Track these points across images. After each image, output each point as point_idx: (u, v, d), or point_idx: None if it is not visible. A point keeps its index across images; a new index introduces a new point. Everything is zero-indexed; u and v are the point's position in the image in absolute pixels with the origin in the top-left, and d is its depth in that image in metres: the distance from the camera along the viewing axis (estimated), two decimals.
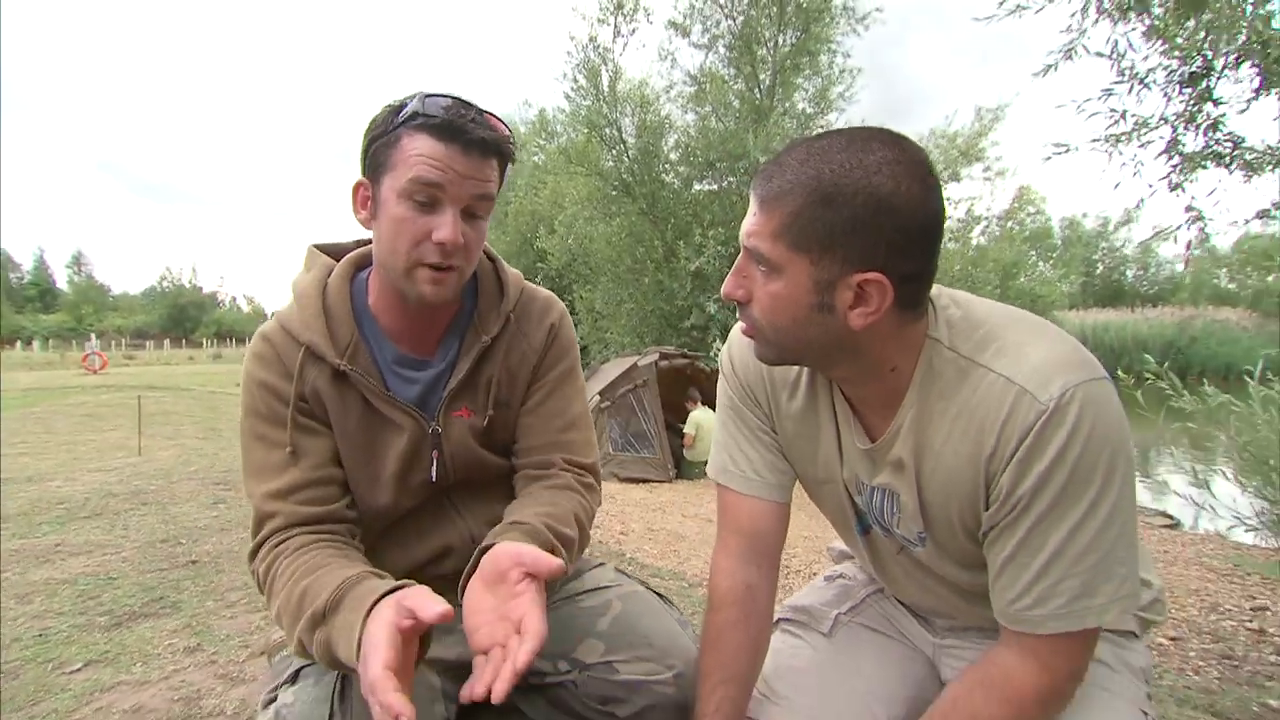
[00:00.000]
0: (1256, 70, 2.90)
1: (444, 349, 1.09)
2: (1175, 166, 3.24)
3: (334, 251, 1.12)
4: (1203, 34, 2.91)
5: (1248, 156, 3.64)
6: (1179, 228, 3.68)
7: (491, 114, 0.99)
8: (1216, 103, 3.11)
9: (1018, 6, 3.64)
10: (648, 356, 8.02)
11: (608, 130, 12.62)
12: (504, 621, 0.81)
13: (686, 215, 12.88)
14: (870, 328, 0.81)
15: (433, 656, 1.17)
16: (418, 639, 0.80)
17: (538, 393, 1.15)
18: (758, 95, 12.41)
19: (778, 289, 0.81)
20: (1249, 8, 3.15)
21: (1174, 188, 3.58)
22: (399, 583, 0.83)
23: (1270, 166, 3.54)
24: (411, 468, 1.07)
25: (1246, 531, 5.43)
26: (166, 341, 47.48)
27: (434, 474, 1.08)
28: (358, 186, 0.99)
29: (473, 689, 0.76)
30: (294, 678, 1.13)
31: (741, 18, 12.20)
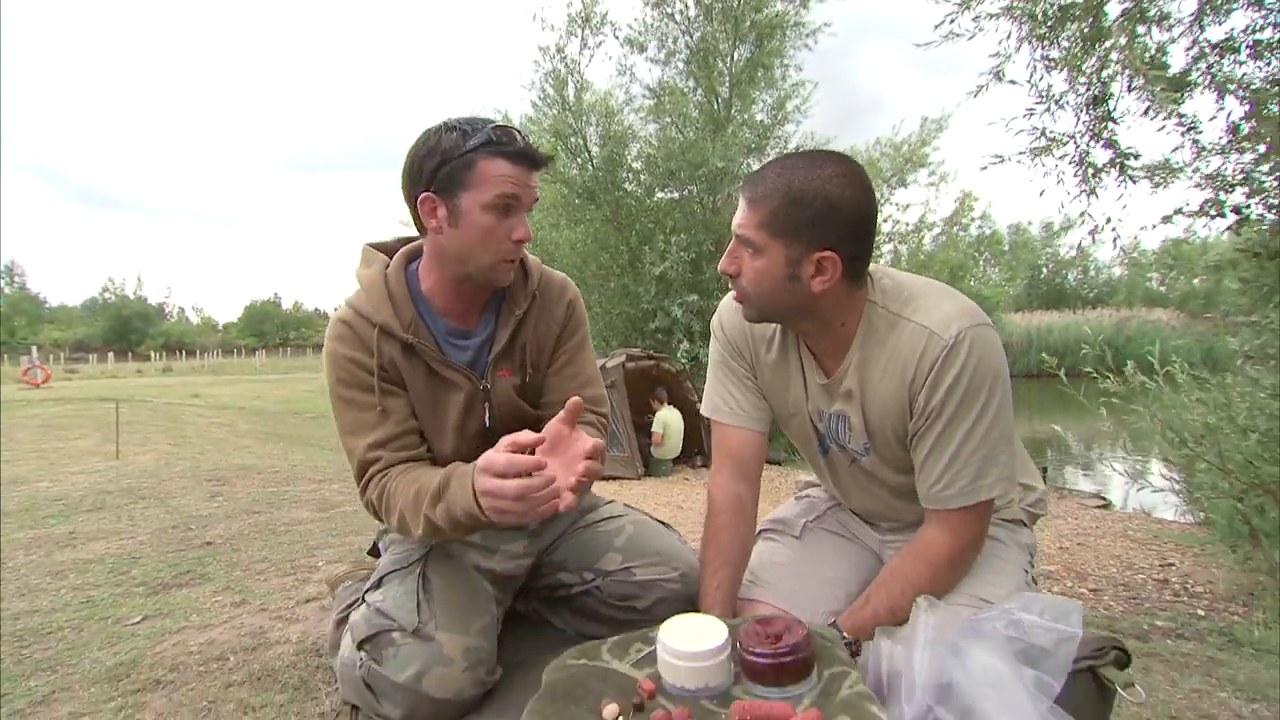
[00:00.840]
0: (1145, 94, 3.42)
1: (484, 322, 1.41)
2: (1084, 176, 3.75)
3: (385, 249, 1.42)
4: (1098, 62, 3.40)
5: (1139, 167, 4.18)
6: (1092, 231, 4.19)
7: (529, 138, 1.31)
8: (1115, 121, 3.62)
9: (950, 34, 4.12)
10: (615, 358, 8.27)
11: (573, 139, 12.89)
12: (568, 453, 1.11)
13: (649, 222, 13.24)
14: (826, 293, 1.16)
15: (484, 568, 1.49)
16: None
17: (561, 357, 1.48)
18: (716, 107, 12.88)
19: (761, 265, 1.16)
20: (1142, 39, 3.67)
21: (1089, 194, 4.10)
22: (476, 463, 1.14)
23: (1162, 177, 4.08)
24: (468, 417, 1.38)
25: (1167, 509, 6.02)
26: (110, 355, 45.63)
27: (487, 421, 1.38)
28: (424, 200, 1.22)
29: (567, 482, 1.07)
30: (378, 584, 1.43)
31: (699, 33, 12.66)
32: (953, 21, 3.96)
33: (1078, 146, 3.69)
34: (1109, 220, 4.03)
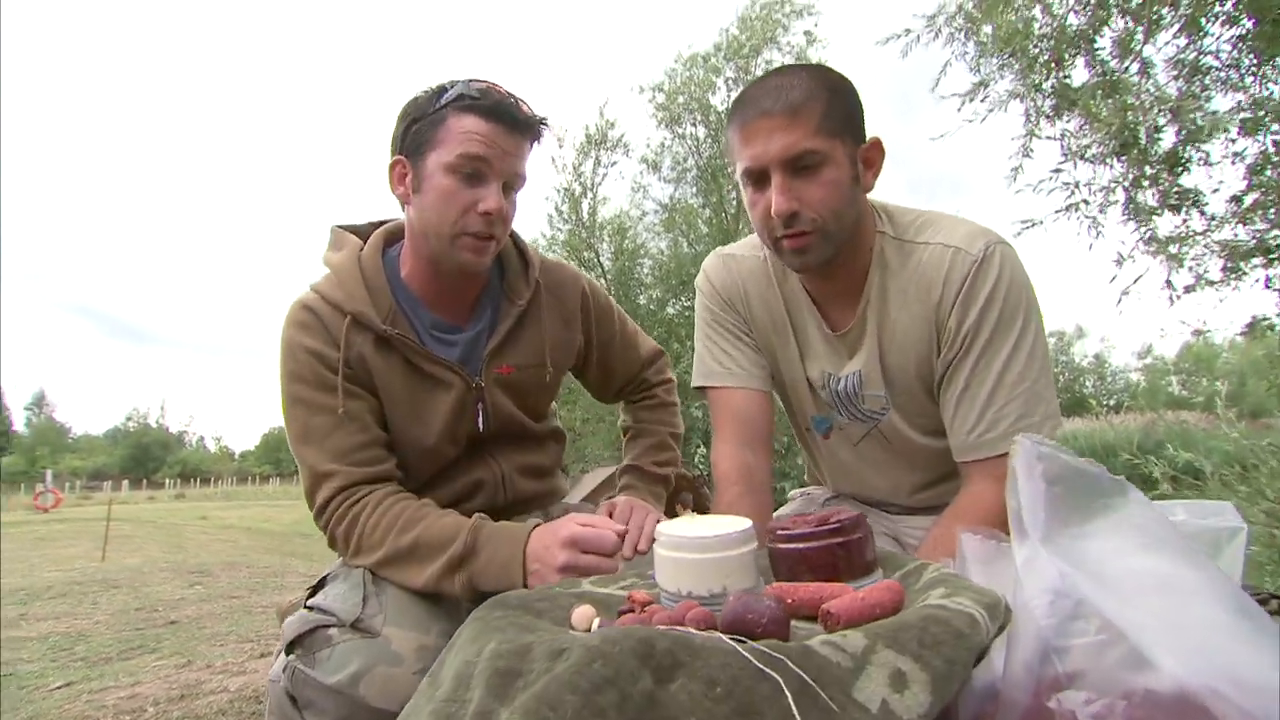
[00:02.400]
0: (1176, 133, 3.47)
1: (477, 315, 1.19)
2: (1135, 219, 3.72)
3: (357, 232, 1.18)
4: (1126, 113, 3.46)
5: (1157, 239, 4.16)
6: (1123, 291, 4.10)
7: (526, 102, 1.12)
8: (1152, 164, 3.63)
9: (958, 128, 4.28)
10: None
11: (586, 254, 13.35)
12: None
13: (663, 332, 13.36)
14: (864, 196, 1.00)
15: None
16: None
17: (608, 349, 1.32)
18: (725, 220, 13.40)
19: (831, 175, 0.94)
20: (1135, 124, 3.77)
21: (1148, 241, 4.04)
22: (534, 522, 0.99)
23: (1176, 249, 4.05)
24: (460, 420, 1.14)
25: None
26: (125, 482, 45.56)
27: (480, 424, 1.16)
28: (394, 164, 1.07)
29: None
30: (320, 585, 1.16)
31: (707, 154, 13.45)
32: (970, 101, 4.12)
33: (1128, 192, 3.68)
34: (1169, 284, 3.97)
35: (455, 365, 1.13)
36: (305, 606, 1.10)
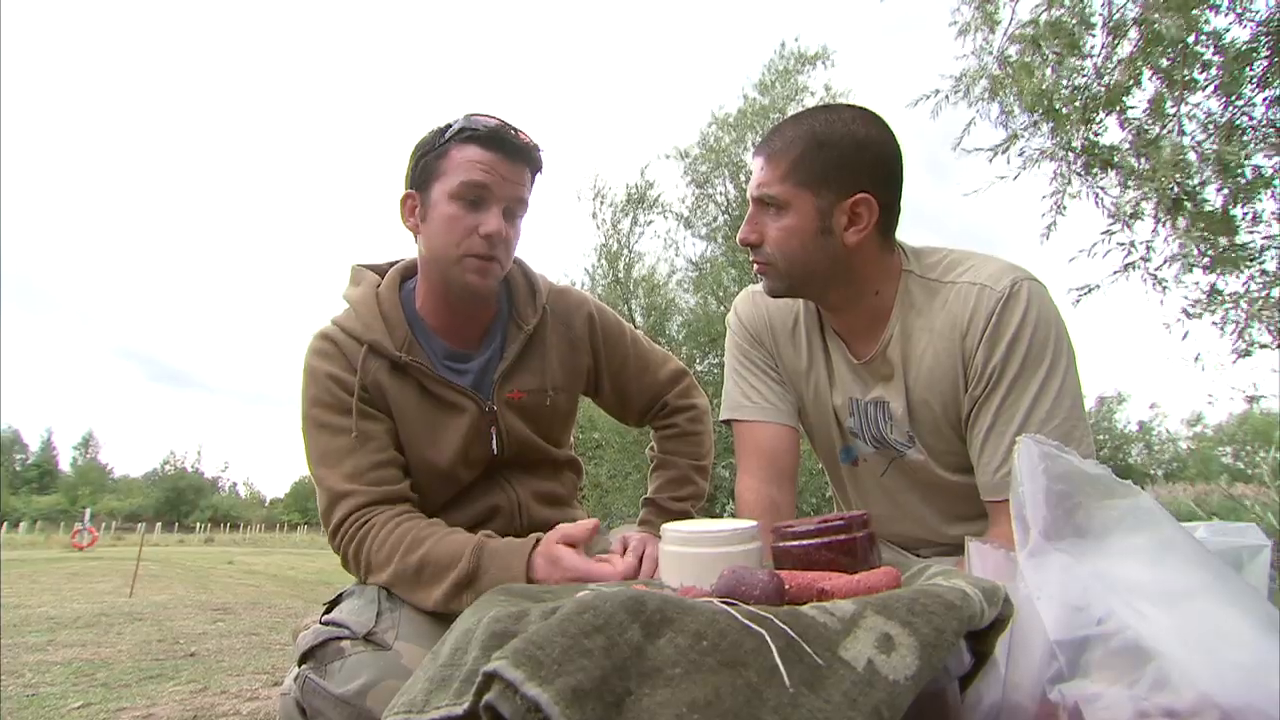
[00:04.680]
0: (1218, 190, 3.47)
1: (487, 342, 1.23)
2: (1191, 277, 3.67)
3: (376, 269, 1.26)
4: (1174, 170, 3.47)
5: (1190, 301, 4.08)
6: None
7: (526, 132, 1.19)
8: (1203, 222, 3.60)
9: (989, 184, 4.33)
10: None
11: (621, 308, 13.53)
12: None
13: None
14: (860, 247, 1.01)
15: None
16: None
17: (622, 371, 1.32)
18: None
19: (789, 223, 1.02)
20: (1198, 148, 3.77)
21: (1210, 298, 3.95)
22: (534, 536, 0.99)
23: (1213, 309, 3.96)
24: (474, 443, 1.17)
25: None
26: (159, 525, 46.23)
27: (494, 447, 1.18)
28: (406, 198, 1.13)
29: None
30: (336, 601, 1.17)
31: (737, 213, 13.71)
32: (1000, 155, 4.16)
33: (1182, 250, 3.66)
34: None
35: (468, 390, 1.16)
36: (321, 622, 1.12)
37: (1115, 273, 3.98)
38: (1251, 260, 3.98)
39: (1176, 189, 3.53)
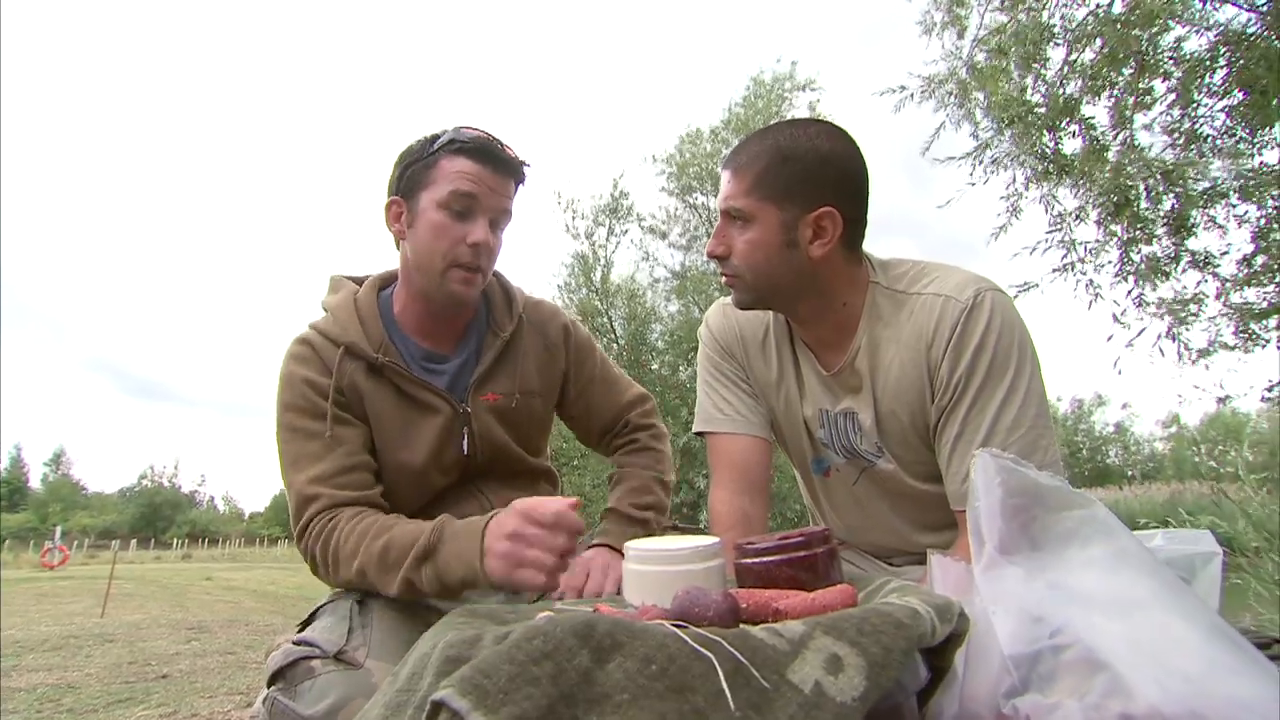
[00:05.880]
0: (1174, 198, 3.54)
1: (464, 345, 1.26)
2: (1133, 280, 3.75)
3: (355, 280, 1.28)
4: (1120, 177, 3.55)
5: (1157, 300, 4.18)
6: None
7: (510, 147, 1.22)
8: (1144, 227, 3.69)
9: (959, 192, 4.41)
10: None
11: (600, 320, 13.51)
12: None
13: (674, 398, 13.36)
14: (826, 260, 1.03)
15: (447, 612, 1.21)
16: None
17: (589, 386, 1.34)
18: None
19: (753, 236, 1.04)
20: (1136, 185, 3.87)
21: (1138, 304, 4.05)
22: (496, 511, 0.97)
23: (1186, 312, 4.06)
24: (446, 444, 1.19)
25: None
26: (134, 541, 45.21)
27: (465, 447, 1.19)
28: (391, 204, 1.16)
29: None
30: (310, 619, 1.16)
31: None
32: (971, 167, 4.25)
33: (1122, 252, 3.74)
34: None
35: (442, 391, 1.18)
36: (293, 642, 1.10)
37: (1055, 271, 4.07)
38: (1206, 265, 4.08)
39: (1119, 195, 3.63)
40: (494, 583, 0.90)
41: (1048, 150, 4.12)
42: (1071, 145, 4.25)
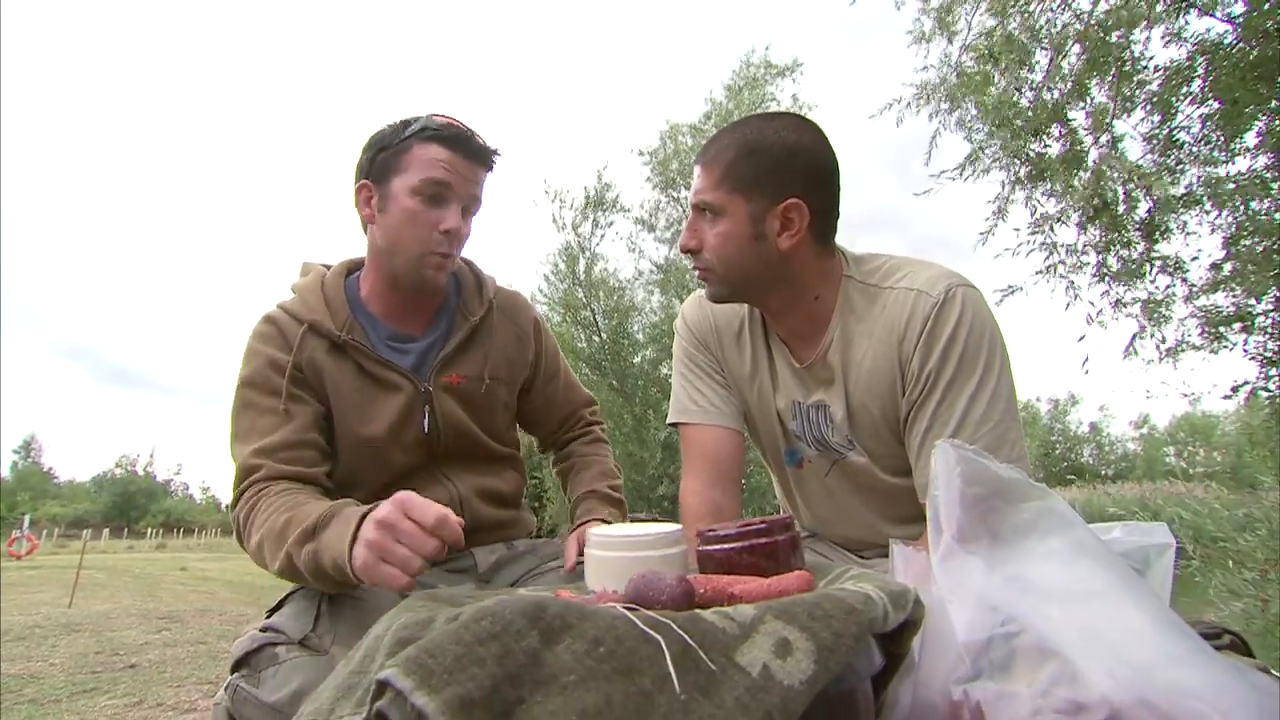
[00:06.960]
0: (1150, 203, 3.62)
1: (433, 328, 1.25)
2: (1107, 282, 3.83)
3: (326, 266, 1.29)
4: (1099, 182, 3.61)
5: (1131, 300, 4.26)
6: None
7: (480, 134, 1.22)
8: (1122, 232, 3.77)
9: (938, 182, 4.45)
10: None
11: (583, 313, 13.48)
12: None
13: (655, 391, 13.37)
14: (795, 252, 1.03)
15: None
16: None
17: (554, 379, 1.38)
18: None
19: (723, 228, 1.04)
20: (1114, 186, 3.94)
21: (1115, 305, 4.13)
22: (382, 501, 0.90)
23: (1157, 314, 4.15)
24: (407, 421, 1.18)
25: None
26: (106, 531, 44.44)
27: (425, 426, 1.18)
28: (361, 188, 1.16)
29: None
30: (279, 606, 1.14)
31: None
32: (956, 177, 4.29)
33: (1099, 256, 3.82)
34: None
35: (405, 370, 1.18)
36: (259, 629, 1.09)
37: (1038, 272, 4.15)
38: (1176, 269, 4.17)
39: (1097, 200, 3.71)
40: (356, 572, 0.82)
41: (1031, 154, 4.18)
42: (1055, 149, 4.32)
